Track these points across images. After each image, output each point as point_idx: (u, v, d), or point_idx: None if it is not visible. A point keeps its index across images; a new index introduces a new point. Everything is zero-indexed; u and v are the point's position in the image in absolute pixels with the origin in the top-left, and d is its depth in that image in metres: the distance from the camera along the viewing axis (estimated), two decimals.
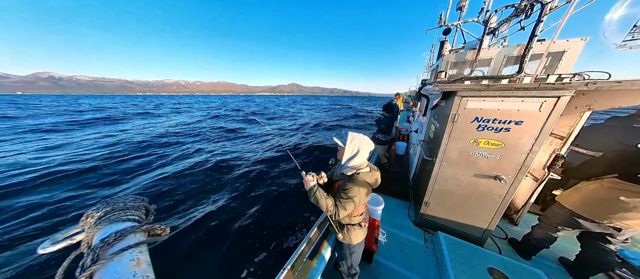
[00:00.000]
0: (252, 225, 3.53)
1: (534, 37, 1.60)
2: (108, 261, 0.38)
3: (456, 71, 2.97)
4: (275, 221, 3.56)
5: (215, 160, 6.35)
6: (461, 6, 2.83)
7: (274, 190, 4.57)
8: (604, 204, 1.24)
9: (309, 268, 1.26)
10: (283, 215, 3.70)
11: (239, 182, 5.12)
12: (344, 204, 1.01)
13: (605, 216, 1.24)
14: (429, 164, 1.92)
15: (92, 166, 5.90)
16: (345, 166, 1.08)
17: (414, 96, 7.90)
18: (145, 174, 5.61)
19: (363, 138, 1.07)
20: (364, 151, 1.05)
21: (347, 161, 1.07)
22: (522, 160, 1.37)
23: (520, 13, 2.15)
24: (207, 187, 4.95)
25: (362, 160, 1.06)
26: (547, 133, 1.25)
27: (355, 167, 1.07)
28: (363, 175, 1.06)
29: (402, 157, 4.20)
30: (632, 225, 1.19)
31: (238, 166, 6.04)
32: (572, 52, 2.17)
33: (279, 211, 3.85)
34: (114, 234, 0.42)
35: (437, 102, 1.89)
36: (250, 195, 4.52)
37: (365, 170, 1.09)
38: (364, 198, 1.04)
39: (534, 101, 1.23)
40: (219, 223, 3.67)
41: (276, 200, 4.24)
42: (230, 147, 8.05)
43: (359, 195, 1.01)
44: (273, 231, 3.36)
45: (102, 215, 0.47)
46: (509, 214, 2.17)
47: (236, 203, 4.24)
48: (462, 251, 1.60)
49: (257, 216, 3.77)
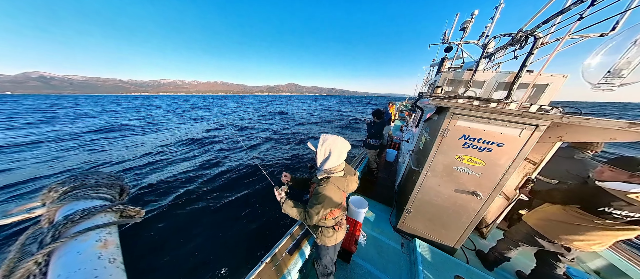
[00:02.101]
0: (233, 217, 3.46)
1: (524, 67, 1.72)
2: (71, 239, 0.35)
3: (452, 88, 3.10)
4: (257, 215, 3.52)
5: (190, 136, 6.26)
6: (465, 27, 2.94)
7: (259, 184, 4.51)
8: (560, 225, 1.39)
9: (287, 262, 1.27)
10: (266, 209, 3.67)
11: (221, 174, 5.01)
12: (314, 209, 0.99)
13: (560, 235, 1.39)
14: (415, 174, 2.00)
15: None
16: (319, 169, 1.04)
17: (409, 107, 8.14)
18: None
19: (335, 140, 1.01)
20: (336, 153, 1.00)
21: (321, 164, 1.03)
22: (499, 179, 1.47)
23: (515, 43, 2.28)
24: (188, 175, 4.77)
25: (335, 162, 1.01)
26: (523, 157, 1.36)
27: (328, 171, 1.01)
28: (334, 180, 1.01)
29: (390, 164, 4.33)
30: (580, 245, 1.35)
31: (221, 162, 5.91)
32: (553, 86, 2.37)
33: (263, 205, 3.81)
34: (80, 211, 0.38)
35: (430, 115, 1.96)
36: (231, 186, 4.42)
37: (338, 175, 1.03)
38: (333, 204, 1.01)
39: (515, 126, 1.33)
40: (199, 212, 3.55)
41: (260, 194, 4.18)
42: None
43: (327, 200, 0.98)
44: (253, 223, 3.31)
45: (69, 189, 0.43)
46: (480, 228, 2.34)
47: (217, 193, 4.12)
48: (433, 258, 1.70)
49: (236, 209, 3.70)
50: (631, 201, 1.15)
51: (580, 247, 1.35)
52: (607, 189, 1.21)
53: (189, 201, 3.78)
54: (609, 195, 1.20)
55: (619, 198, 1.17)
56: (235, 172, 5.03)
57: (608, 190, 1.21)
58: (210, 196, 3.98)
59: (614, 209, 1.18)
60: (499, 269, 1.86)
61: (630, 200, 1.15)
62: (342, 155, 1.02)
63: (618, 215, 1.18)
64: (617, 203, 1.17)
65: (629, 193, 1.16)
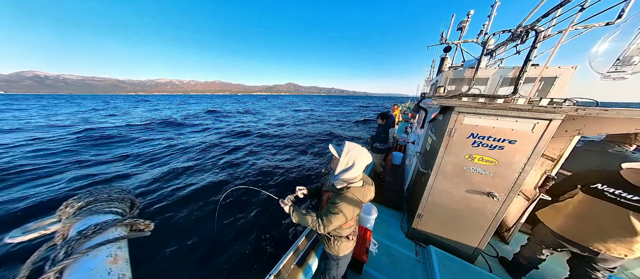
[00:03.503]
0: (239, 231, 3.41)
1: (529, 62, 1.68)
2: (82, 255, 0.35)
3: (454, 87, 3.06)
4: (263, 228, 3.46)
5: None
6: (462, 26, 2.96)
7: (264, 196, 4.48)
8: (587, 224, 1.24)
9: (294, 277, 1.22)
10: (272, 222, 3.61)
11: (224, 185, 5.02)
12: (330, 218, 0.95)
13: (590, 238, 1.24)
14: (424, 176, 1.93)
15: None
16: (337, 177, 1.01)
17: (412, 108, 8.05)
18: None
19: (361, 151, 1.00)
20: (359, 164, 0.98)
21: (340, 173, 1.00)
22: (515, 178, 1.39)
23: (516, 38, 2.26)
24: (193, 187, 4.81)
25: (356, 173, 1.00)
26: (539, 153, 1.28)
27: (347, 180, 1.00)
28: (354, 190, 0.99)
29: (397, 167, 4.21)
30: (610, 247, 1.18)
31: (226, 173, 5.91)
32: (563, 78, 2.28)
33: (267, 218, 3.75)
34: (93, 226, 0.40)
35: (435, 115, 1.93)
36: (236, 202, 4.40)
37: (357, 185, 1.01)
38: (352, 214, 0.98)
39: (527, 122, 1.27)
40: (205, 225, 3.54)
41: (265, 207, 4.13)
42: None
43: (346, 210, 0.95)
44: (260, 237, 3.25)
45: (83, 205, 0.45)
46: (500, 232, 2.18)
47: (223, 209, 4.11)
48: (453, 267, 1.58)
49: (243, 222, 3.66)
50: (624, 174, 1.00)
51: (612, 250, 1.17)
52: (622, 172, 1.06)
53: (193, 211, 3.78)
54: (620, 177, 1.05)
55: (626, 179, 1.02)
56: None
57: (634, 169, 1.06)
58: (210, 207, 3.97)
59: (605, 185, 1.05)
60: (526, 277, 1.69)
61: (624, 173, 1.00)
62: (363, 167, 1.01)
63: (609, 193, 1.05)
64: (609, 179, 1.04)
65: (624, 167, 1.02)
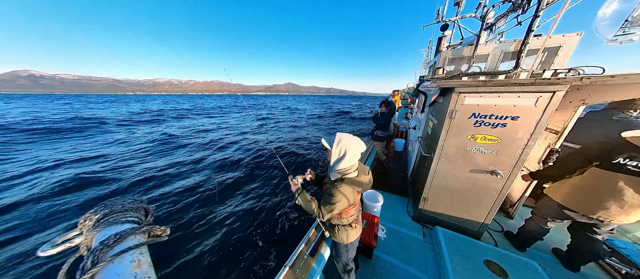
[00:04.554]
0: (252, 225, 3.54)
1: (531, 32, 1.60)
2: (108, 263, 0.38)
3: (454, 67, 2.97)
4: (275, 222, 3.58)
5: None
6: (459, 1, 2.81)
7: (269, 192, 4.58)
8: (587, 195, 1.27)
9: (309, 266, 1.27)
10: (283, 215, 3.72)
11: (234, 182, 5.12)
12: (326, 208, 1.00)
13: (589, 207, 1.27)
14: (427, 160, 1.94)
15: None
16: (332, 169, 1.04)
17: (412, 93, 7.89)
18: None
19: (351, 140, 1.00)
20: (351, 153, 0.99)
21: (334, 164, 1.02)
22: (518, 154, 1.39)
23: (517, 8, 2.15)
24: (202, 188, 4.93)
25: (349, 163, 1.00)
26: (542, 127, 1.27)
27: (342, 171, 1.01)
28: (348, 180, 1.01)
29: (400, 154, 4.24)
30: (611, 215, 1.21)
31: (229, 166, 6.02)
32: (567, 47, 2.19)
33: (278, 212, 3.87)
34: (113, 236, 0.42)
35: (435, 98, 1.90)
36: (246, 195, 4.52)
37: (352, 175, 1.02)
38: (347, 204, 1.01)
39: (530, 96, 1.25)
40: (219, 224, 3.67)
41: (274, 201, 4.25)
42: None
43: (341, 200, 0.98)
44: (273, 230, 3.38)
45: (100, 217, 0.47)
46: (505, 208, 2.22)
47: (234, 204, 4.24)
48: (459, 244, 1.63)
49: (255, 216, 3.78)
50: None
51: (613, 217, 1.21)
52: (629, 138, 1.06)
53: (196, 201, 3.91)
54: (627, 144, 1.05)
55: (636, 145, 1.01)
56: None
57: (629, 139, 1.06)
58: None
59: (627, 160, 1.03)
60: (532, 249, 1.74)
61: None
62: (356, 155, 1.01)
63: (632, 166, 1.03)
64: (631, 153, 1.02)
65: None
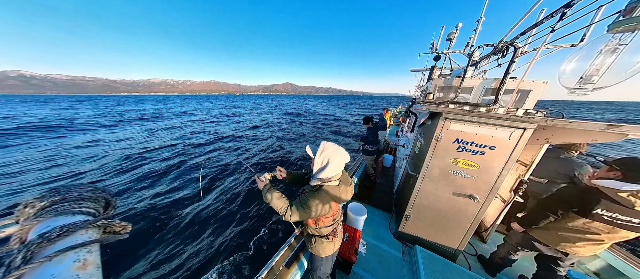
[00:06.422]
0: (222, 233, 3.29)
1: (508, 75, 1.83)
2: (45, 261, 0.31)
3: (443, 94, 3.23)
4: (249, 230, 3.37)
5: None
6: (451, 37, 3.16)
7: (248, 191, 4.38)
8: (557, 231, 1.39)
9: (284, 276, 1.20)
10: (259, 223, 3.53)
11: (205, 181, 4.86)
12: (297, 210, 0.95)
13: (557, 241, 1.39)
14: (412, 178, 2.01)
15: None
16: (314, 177, 1.00)
17: (404, 112, 8.33)
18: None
19: (335, 150, 0.97)
20: (334, 164, 0.95)
21: (316, 172, 0.98)
22: (493, 181, 1.49)
23: (498, 52, 2.45)
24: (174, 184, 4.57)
25: (332, 173, 0.97)
26: (514, 159, 1.39)
27: (322, 180, 0.98)
28: (327, 188, 0.97)
29: (388, 169, 4.33)
30: (577, 251, 1.34)
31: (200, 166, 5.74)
32: (536, 92, 2.53)
33: (253, 212, 3.67)
34: (58, 228, 0.35)
35: (424, 120, 2.01)
36: (220, 195, 4.26)
37: (333, 184, 0.99)
38: (320, 212, 0.97)
39: (505, 130, 1.38)
40: (188, 222, 3.37)
41: (251, 202, 4.04)
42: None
43: (314, 207, 0.94)
44: (247, 239, 3.16)
45: (47, 204, 0.40)
46: (479, 231, 2.33)
47: (206, 201, 3.96)
48: (436, 265, 1.66)
49: (232, 216, 3.55)
50: (621, 200, 1.08)
51: (578, 252, 1.33)
52: (599, 186, 1.18)
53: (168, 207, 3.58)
54: (599, 193, 1.16)
55: (610, 196, 1.12)
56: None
57: (599, 187, 1.18)
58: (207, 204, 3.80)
59: (604, 210, 1.12)
60: (501, 274, 1.82)
61: (620, 199, 1.08)
62: (339, 166, 0.98)
63: (607, 217, 1.12)
64: (606, 203, 1.12)
65: (619, 192, 1.09)
